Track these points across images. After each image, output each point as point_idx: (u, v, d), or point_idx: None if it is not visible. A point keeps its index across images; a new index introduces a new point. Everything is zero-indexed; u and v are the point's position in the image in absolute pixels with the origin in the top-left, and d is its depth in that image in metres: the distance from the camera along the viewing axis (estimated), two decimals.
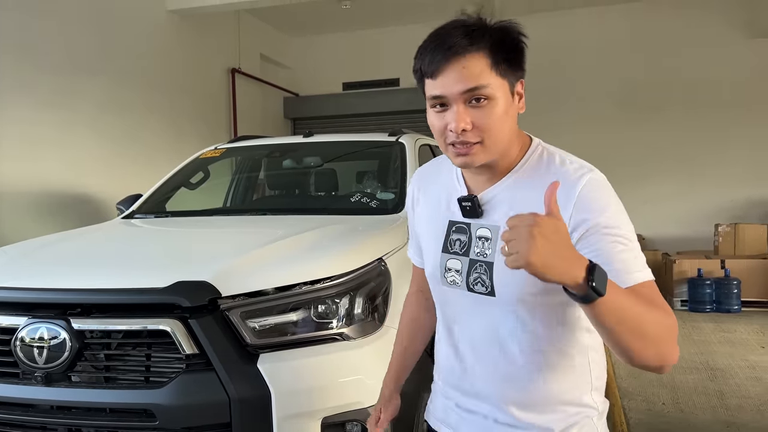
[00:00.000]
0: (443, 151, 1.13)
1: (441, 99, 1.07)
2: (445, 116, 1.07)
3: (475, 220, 1.14)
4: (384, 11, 7.96)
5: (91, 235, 2.88)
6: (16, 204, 4.47)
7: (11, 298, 2.04)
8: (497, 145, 1.08)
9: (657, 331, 0.93)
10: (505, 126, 1.08)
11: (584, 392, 1.16)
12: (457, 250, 1.16)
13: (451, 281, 1.17)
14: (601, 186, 1.06)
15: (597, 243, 1.00)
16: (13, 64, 4.46)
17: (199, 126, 6.76)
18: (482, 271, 1.12)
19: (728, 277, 6.18)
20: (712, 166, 7.57)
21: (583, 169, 1.08)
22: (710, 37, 7.51)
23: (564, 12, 7.89)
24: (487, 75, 1.04)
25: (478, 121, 1.05)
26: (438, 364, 1.31)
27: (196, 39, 6.77)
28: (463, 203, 1.15)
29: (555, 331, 1.12)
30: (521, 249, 0.85)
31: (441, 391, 1.30)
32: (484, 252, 1.12)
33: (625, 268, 0.99)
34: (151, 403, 1.81)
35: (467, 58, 1.03)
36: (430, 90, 1.08)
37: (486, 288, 1.11)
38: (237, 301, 1.93)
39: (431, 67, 1.06)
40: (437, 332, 1.32)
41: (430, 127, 1.13)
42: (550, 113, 7.52)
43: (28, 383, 1.92)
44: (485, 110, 1.05)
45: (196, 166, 3.63)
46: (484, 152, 1.07)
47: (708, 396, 3.65)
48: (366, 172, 3.79)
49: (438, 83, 1.06)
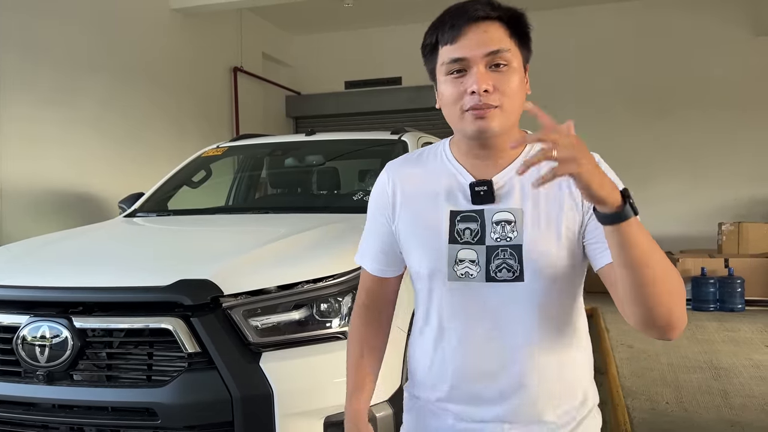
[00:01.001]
0: (455, 122, 1.10)
1: (461, 62, 1.06)
2: (464, 81, 1.06)
3: (489, 206, 1.11)
4: (386, 10, 7.94)
5: (93, 233, 2.88)
6: (17, 202, 4.47)
7: (13, 297, 2.04)
8: (513, 112, 1.08)
9: (673, 281, 0.96)
10: (520, 96, 1.09)
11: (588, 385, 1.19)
12: (468, 239, 1.10)
13: (462, 274, 1.10)
14: (605, 166, 1.10)
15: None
16: (16, 62, 4.46)
17: (201, 124, 6.76)
18: (507, 255, 1.09)
19: (732, 276, 6.16)
20: (716, 165, 7.54)
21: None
22: (716, 36, 7.47)
23: (569, 10, 7.86)
24: (507, 41, 1.08)
25: (498, 85, 1.05)
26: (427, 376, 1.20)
27: (198, 37, 6.77)
28: (477, 188, 1.11)
29: (568, 317, 1.14)
30: (576, 155, 0.85)
31: (431, 408, 1.21)
32: (507, 236, 1.09)
33: None
34: (153, 402, 1.81)
35: (489, 23, 1.07)
36: (449, 54, 1.07)
37: (513, 272, 1.08)
38: (239, 299, 1.93)
39: (452, 33, 1.07)
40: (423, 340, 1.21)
41: (440, 99, 1.12)
42: (553, 111, 7.50)
43: (29, 382, 1.92)
44: (505, 75, 1.06)
45: (198, 165, 3.63)
46: (501, 116, 1.07)
47: (712, 395, 3.63)
48: (368, 171, 3.78)
49: (458, 47, 1.06)
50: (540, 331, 1.11)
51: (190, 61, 6.60)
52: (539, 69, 6.55)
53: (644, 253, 0.93)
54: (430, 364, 1.19)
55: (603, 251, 1.05)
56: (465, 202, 1.13)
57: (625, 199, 0.90)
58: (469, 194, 1.12)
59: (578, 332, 1.18)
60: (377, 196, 1.25)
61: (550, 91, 7.64)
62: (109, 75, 5.39)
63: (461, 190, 1.14)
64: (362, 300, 1.31)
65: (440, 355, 1.17)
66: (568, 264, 1.09)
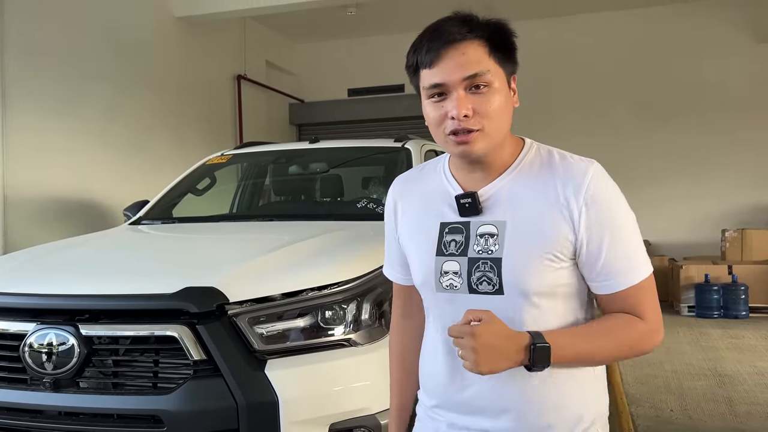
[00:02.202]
0: (440, 143, 1.11)
1: (440, 87, 1.05)
2: (445, 105, 1.06)
3: (475, 218, 1.11)
4: (389, 18, 7.98)
5: (98, 241, 2.89)
6: (23, 210, 4.49)
7: (20, 304, 2.05)
8: (497, 132, 1.07)
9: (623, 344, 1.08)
10: (504, 115, 1.08)
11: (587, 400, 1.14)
12: (453, 251, 1.11)
13: (447, 285, 1.11)
14: (606, 177, 1.10)
15: (602, 242, 1.06)
16: (21, 72, 4.49)
17: (204, 132, 6.79)
18: (487, 268, 1.08)
19: (736, 282, 6.15)
20: (719, 171, 7.54)
21: (584, 161, 1.10)
22: (719, 43, 7.49)
23: (571, 17, 7.89)
24: (486, 61, 1.05)
25: (478, 108, 1.04)
26: (427, 382, 1.22)
27: (202, 45, 6.81)
28: (462, 200, 1.11)
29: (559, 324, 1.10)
30: (470, 360, 0.96)
31: (429, 414, 1.21)
32: (489, 249, 1.08)
33: (625, 267, 1.06)
34: (159, 409, 1.82)
35: (466, 44, 1.05)
36: (429, 79, 1.06)
37: (493, 286, 1.07)
38: (244, 307, 1.94)
39: (429, 56, 1.05)
40: (425, 345, 1.24)
41: (426, 119, 1.11)
42: (556, 118, 7.52)
43: (36, 389, 1.93)
44: (485, 96, 1.05)
45: (202, 173, 3.64)
46: (484, 139, 1.06)
47: (716, 403, 3.62)
48: (372, 178, 3.79)
49: (437, 71, 1.05)
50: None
51: (194, 69, 6.64)
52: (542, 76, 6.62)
53: (584, 357, 1.06)
54: (428, 371, 1.22)
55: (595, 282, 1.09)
56: (454, 215, 1.13)
57: (531, 361, 0.99)
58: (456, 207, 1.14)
59: None
60: (387, 210, 1.30)
61: (552, 98, 7.67)
62: (114, 83, 5.43)
63: (451, 202, 1.15)
64: (399, 310, 1.37)
65: (434, 363, 1.19)
66: (554, 279, 1.07)
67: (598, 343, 1.06)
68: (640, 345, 1.08)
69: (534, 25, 7.64)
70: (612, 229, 1.06)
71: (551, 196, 1.07)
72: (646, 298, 1.08)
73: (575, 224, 1.05)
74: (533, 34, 7.33)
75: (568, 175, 1.08)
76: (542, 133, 1.25)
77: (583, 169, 1.08)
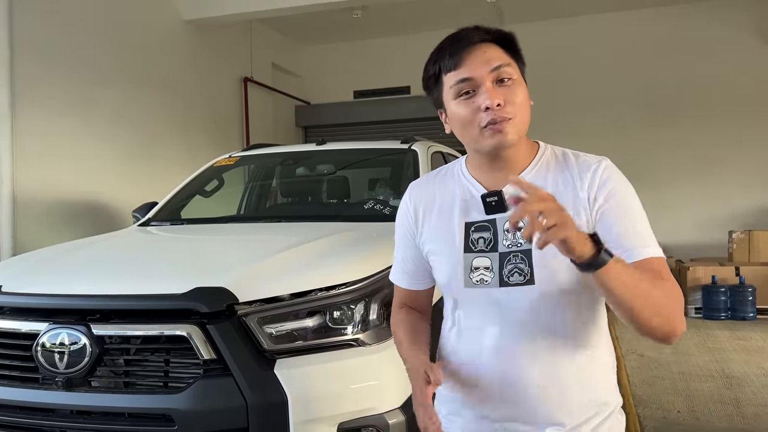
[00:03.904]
0: (473, 141, 1.15)
1: (469, 82, 1.12)
2: (476, 99, 1.12)
3: (501, 215, 1.16)
4: (394, 20, 8.00)
5: (108, 242, 2.92)
6: (32, 212, 4.53)
7: (32, 304, 2.08)
8: (524, 123, 1.14)
9: (663, 301, 1.03)
10: (528, 107, 1.16)
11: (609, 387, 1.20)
12: (482, 247, 1.16)
13: (477, 281, 1.16)
14: (616, 170, 1.17)
15: (614, 218, 1.11)
16: (30, 76, 4.53)
17: (211, 134, 6.82)
18: (518, 260, 1.13)
19: (743, 284, 6.12)
20: (726, 173, 7.51)
21: (598, 157, 1.19)
22: (726, 44, 7.47)
23: (577, 18, 7.89)
24: (506, 57, 1.15)
25: (508, 98, 1.11)
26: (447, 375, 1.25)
27: (209, 48, 6.84)
28: (488, 199, 1.16)
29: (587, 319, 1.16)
30: (558, 221, 0.90)
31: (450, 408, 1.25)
32: (518, 242, 1.14)
33: (637, 242, 1.09)
34: (169, 408, 1.84)
35: (485, 45, 1.14)
36: (456, 77, 1.13)
37: (524, 276, 1.12)
38: (254, 307, 1.96)
39: (453, 60, 1.13)
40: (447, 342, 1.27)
41: (454, 122, 1.16)
42: (563, 120, 7.51)
43: (48, 388, 1.95)
44: (512, 88, 1.13)
45: (210, 174, 3.67)
46: (515, 128, 1.12)
47: (724, 404, 3.62)
48: (378, 180, 3.81)
49: (463, 70, 1.13)
50: (556, 334, 1.14)
51: (201, 72, 6.68)
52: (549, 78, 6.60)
53: (628, 290, 0.99)
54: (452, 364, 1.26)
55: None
56: (478, 214, 1.19)
57: (599, 246, 0.96)
58: (482, 205, 1.18)
59: (599, 335, 1.19)
60: (401, 216, 1.33)
61: (559, 100, 7.66)
62: (121, 87, 5.46)
63: (475, 202, 1.20)
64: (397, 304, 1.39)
65: (459, 356, 1.23)
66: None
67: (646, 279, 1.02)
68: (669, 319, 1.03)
69: (539, 27, 7.65)
70: (623, 208, 1.11)
71: (569, 188, 1.15)
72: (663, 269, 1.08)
73: (590, 206, 1.12)
74: (539, 36, 7.34)
75: (583, 168, 1.16)
76: (546, 136, 1.28)
77: (597, 162, 1.17)
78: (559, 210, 0.92)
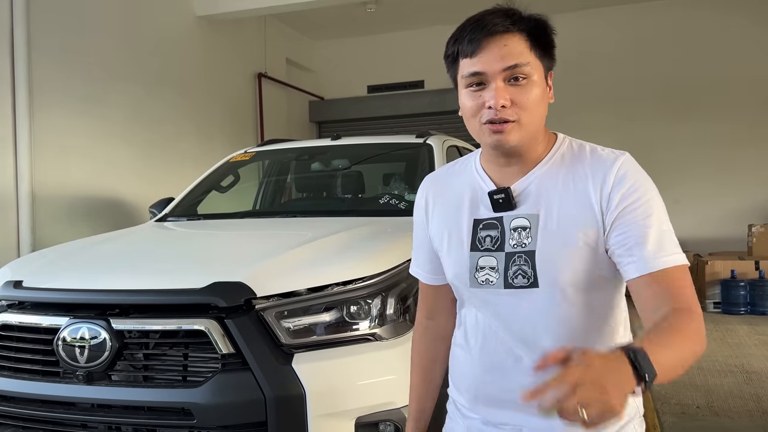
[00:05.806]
0: (474, 133, 1.11)
1: (479, 76, 1.06)
2: (483, 94, 1.06)
3: (508, 213, 1.11)
4: (408, 14, 7.97)
5: (126, 237, 2.94)
6: (51, 208, 4.58)
7: (53, 299, 2.10)
8: (532, 125, 1.07)
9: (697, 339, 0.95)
10: (540, 108, 1.09)
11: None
12: (489, 246, 1.11)
13: (483, 281, 1.11)
14: (636, 166, 1.09)
15: (632, 221, 1.03)
16: (47, 73, 4.57)
17: (226, 130, 6.85)
18: (522, 261, 1.08)
19: (763, 278, 6.04)
20: (745, 166, 7.40)
21: (616, 152, 1.10)
22: (743, 36, 7.34)
23: (592, 11, 7.80)
24: (527, 54, 1.06)
25: (516, 99, 1.05)
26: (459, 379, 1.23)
27: (223, 44, 6.87)
28: (495, 196, 1.12)
29: (594, 320, 1.10)
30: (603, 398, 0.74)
31: (462, 412, 1.22)
32: (522, 242, 1.08)
33: (657, 249, 1.01)
34: (188, 402, 1.85)
35: (508, 36, 1.06)
36: (468, 68, 1.07)
37: (528, 279, 1.07)
38: (271, 301, 1.96)
39: (471, 46, 1.06)
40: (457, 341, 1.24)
41: (462, 109, 1.11)
42: (580, 115, 7.45)
43: (69, 382, 1.97)
44: (524, 88, 1.05)
45: (226, 170, 3.68)
46: (519, 131, 1.06)
47: (744, 399, 3.57)
48: (393, 174, 3.80)
49: (477, 61, 1.06)
50: (565, 339, 1.07)
51: (215, 68, 6.70)
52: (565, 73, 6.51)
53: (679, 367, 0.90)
54: (460, 366, 1.22)
55: (627, 264, 1.03)
56: (487, 211, 1.14)
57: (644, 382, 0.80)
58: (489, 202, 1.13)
59: (615, 338, 1.13)
60: (416, 208, 1.29)
61: (576, 95, 7.58)
62: (137, 83, 5.50)
63: (483, 198, 1.15)
64: (424, 312, 1.34)
65: (467, 359, 1.20)
66: (588, 270, 1.06)
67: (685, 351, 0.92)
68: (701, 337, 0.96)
69: (558, 19, 7.56)
70: (640, 209, 1.03)
71: (581, 186, 1.08)
72: (683, 282, 1.01)
73: (603, 207, 1.05)
74: (557, 28, 7.26)
75: (598, 164, 1.08)
76: (563, 127, 1.24)
77: (613, 158, 1.09)
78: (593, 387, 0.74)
